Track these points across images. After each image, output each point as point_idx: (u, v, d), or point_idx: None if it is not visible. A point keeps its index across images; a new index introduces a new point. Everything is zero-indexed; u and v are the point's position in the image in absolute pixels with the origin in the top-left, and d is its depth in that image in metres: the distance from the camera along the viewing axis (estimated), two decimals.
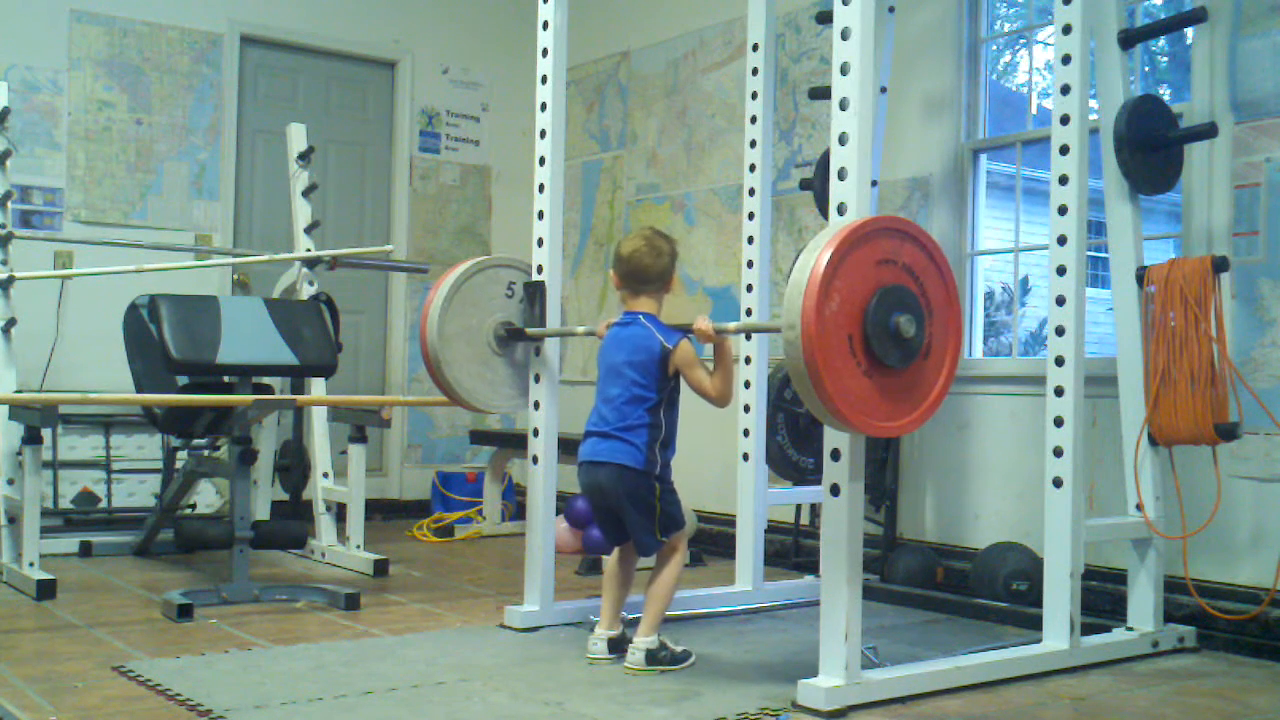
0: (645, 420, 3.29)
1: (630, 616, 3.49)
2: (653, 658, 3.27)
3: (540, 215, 3.84)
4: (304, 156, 5.57)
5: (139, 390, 4.72)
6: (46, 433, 4.37)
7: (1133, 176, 3.76)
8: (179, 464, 5.13)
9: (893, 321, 2.81)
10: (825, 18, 3.52)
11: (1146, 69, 6.29)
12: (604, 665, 3.32)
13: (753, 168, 4.32)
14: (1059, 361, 3.55)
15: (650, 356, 3.30)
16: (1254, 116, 3.95)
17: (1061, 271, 3.56)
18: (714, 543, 5.52)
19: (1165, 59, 7.89)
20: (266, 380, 4.82)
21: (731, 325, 3.28)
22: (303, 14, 6.59)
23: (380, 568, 4.78)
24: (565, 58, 3.86)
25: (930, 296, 2.95)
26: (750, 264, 4.32)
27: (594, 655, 3.37)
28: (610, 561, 3.51)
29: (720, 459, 5.21)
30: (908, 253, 2.92)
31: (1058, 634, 3.49)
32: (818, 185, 4.65)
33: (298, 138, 5.62)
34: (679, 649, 3.34)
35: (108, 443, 5.72)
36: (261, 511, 5.30)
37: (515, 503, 6.31)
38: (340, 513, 5.10)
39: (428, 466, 6.88)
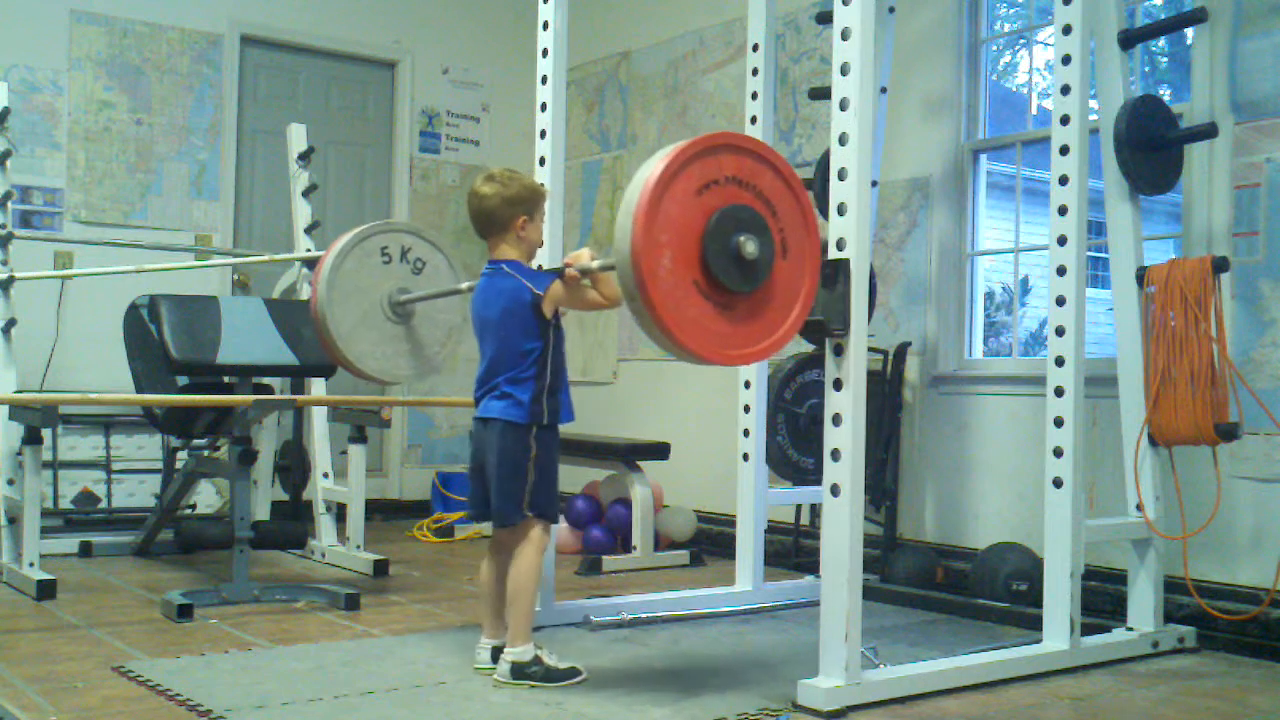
0: (531, 373, 3.11)
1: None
2: (520, 671, 3.06)
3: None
4: (304, 157, 5.57)
5: (139, 390, 4.72)
6: (46, 433, 4.37)
7: (1133, 177, 3.76)
8: (179, 464, 5.13)
9: (733, 242, 2.66)
10: (825, 18, 3.52)
11: (1146, 69, 6.29)
12: (490, 675, 3.14)
13: None
14: (1059, 362, 3.55)
15: (522, 305, 3.11)
16: (1254, 116, 3.95)
17: (1061, 272, 3.56)
18: (714, 543, 5.52)
19: (1165, 59, 7.89)
20: (266, 380, 4.82)
21: (595, 264, 3.06)
22: (303, 14, 6.59)
23: (380, 568, 4.78)
24: (565, 58, 3.86)
25: (788, 235, 2.80)
26: None
27: (479, 665, 3.21)
28: (482, 569, 3.32)
29: (720, 459, 5.21)
30: (749, 169, 2.75)
31: (1058, 634, 3.49)
32: (818, 185, 4.64)
33: (298, 138, 5.62)
34: (563, 665, 3.10)
35: (108, 443, 5.72)
36: (261, 511, 5.30)
37: None
38: (340, 513, 5.10)
39: (428, 467, 6.88)
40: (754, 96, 4.32)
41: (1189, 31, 4.15)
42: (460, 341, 3.91)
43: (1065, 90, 3.57)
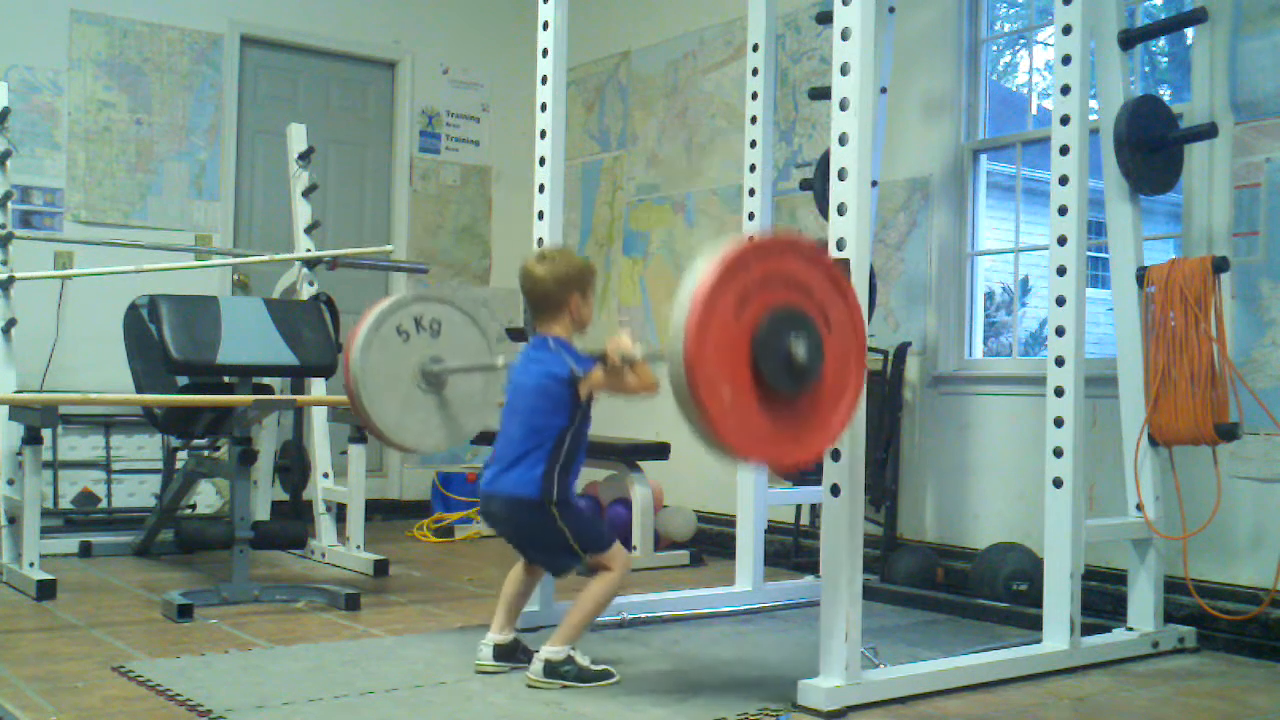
0: (549, 446, 3.07)
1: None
2: (553, 670, 3.05)
3: (540, 215, 3.84)
4: (304, 156, 5.57)
5: (139, 390, 4.72)
6: (46, 433, 4.37)
7: (1133, 177, 3.76)
8: (179, 464, 5.13)
9: (784, 345, 2.63)
10: (825, 18, 3.52)
11: (1146, 69, 6.29)
12: (491, 675, 3.15)
13: (753, 168, 4.33)
14: (1059, 362, 3.55)
15: (559, 382, 3.08)
16: (1254, 117, 3.95)
17: (1061, 272, 3.56)
18: (714, 543, 5.52)
19: (1165, 59, 7.90)
20: (266, 380, 4.82)
21: (639, 353, 2.98)
22: (303, 14, 6.59)
23: (380, 568, 4.78)
24: (565, 58, 3.86)
25: (828, 311, 2.74)
26: None
27: (480, 662, 3.19)
28: (516, 566, 3.31)
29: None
30: (796, 267, 2.71)
31: (1058, 634, 3.49)
32: (818, 185, 4.65)
33: (298, 138, 5.62)
34: (596, 666, 3.09)
35: (108, 443, 5.72)
36: (261, 511, 5.30)
37: None
38: (340, 513, 5.10)
39: (428, 467, 6.86)
40: (754, 96, 4.32)
41: (1189, 31, 4.15)
42: (496, 394, 3.76)
43: (1065, 90, 3.57)
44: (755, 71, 4.31)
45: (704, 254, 2.62)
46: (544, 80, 3.84)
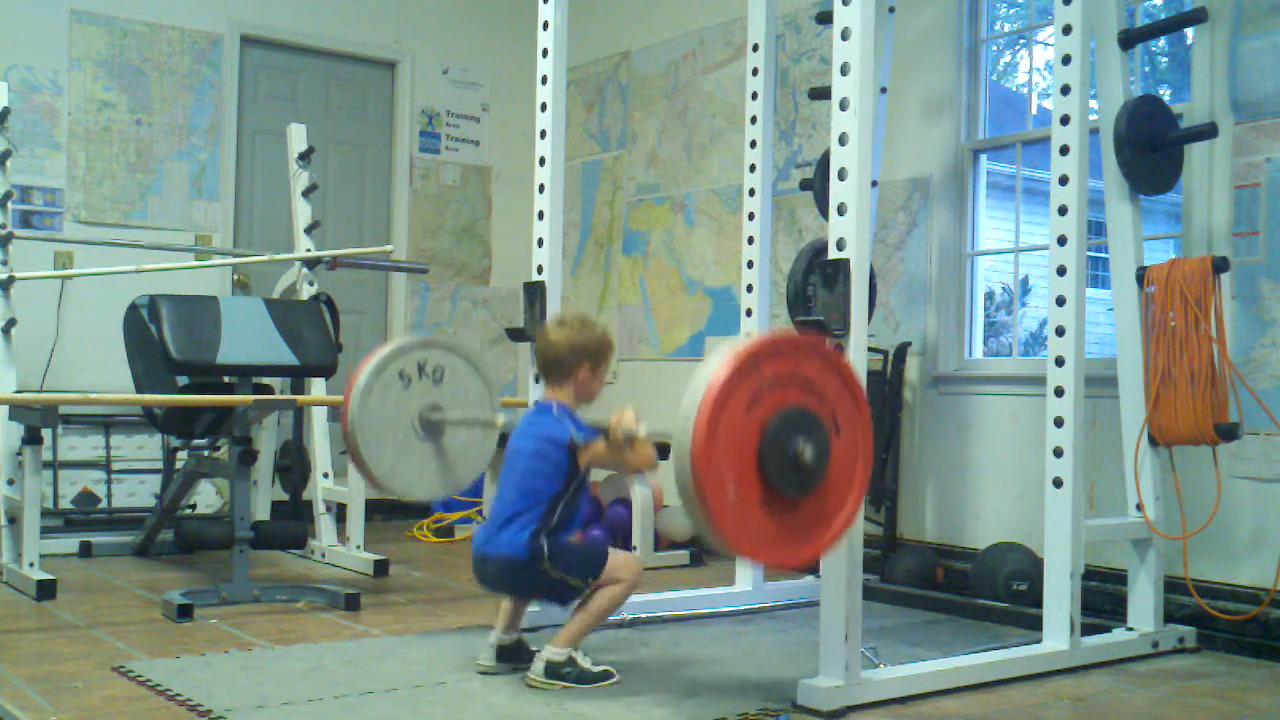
0: (540, 511, 3.06)
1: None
2: (554, 671, 3.05)
3: (540, 215, 3.84)
4: (304, 156, 5.57)
5: (139, 390, 4.72)
6: (46, 433, 4.37)
7: (1133, 177, 3.76)
8: (179, 464, 5.13)
9: (791, 447, 2.60)
10: (825, 18, 3.52)
11: (1146, 69, 6.29)
12: (491, 675, 3.15)
13: (753, 168, 4.32)
14: (1059, 362, 3.55)
15: (558, 446, 3.08)
16: (1254, 116, 3.95)
17: (1061, 272, 3.56)
18: None
19: (1165, 59, 7.89)
20: (266, 380, 4.82)
21: (642, 432, 2.99)
22: (303, 14, 6.59)
23: (380, 568, 4.78)
24: (565, 58, 3.86)
25: (838, 414, 2.73)
26: (750, 264, 4.32)
27: (481, 664, 3.19)
28: None
29: None
30: (809, 368, 2.70)
31: (1058, 634, 3.49)
32: (818, 185, 4.65)
33: (298, 138, 5.62)
34: (596, 668, 3.10)
35: (108, 443, 5.72)
36: (261, 511, 5.30)
37: None
38: (340, 513, 5.10)
39: None
40: (754, 96, 4.32)
41: (1189, 31, 4.15)
42: (493, 446, 3.74)
43: (1065, 90, 3.57)
44: (755, 71, 4.31)
45: (718, 350, 2.61)
46: (544, 80, 3.84)
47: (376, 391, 3.50)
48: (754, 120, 4.32)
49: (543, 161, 3.83)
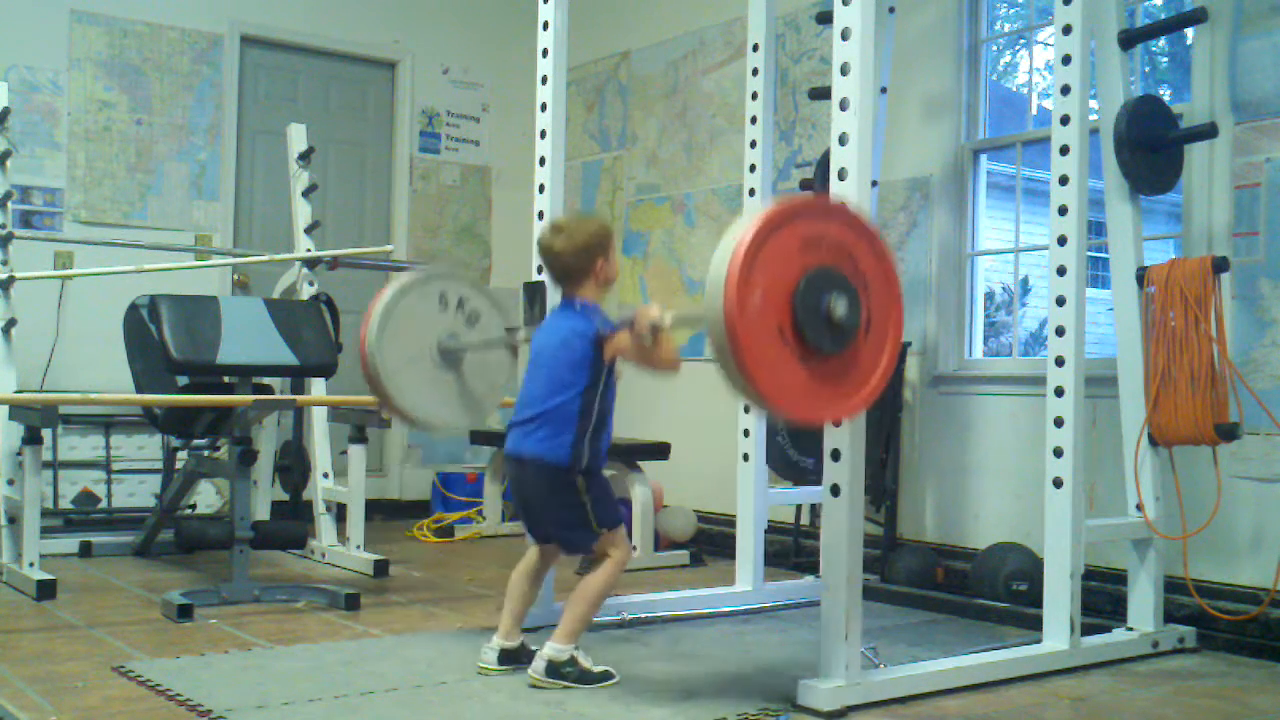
0: (575, 407, 3.03)
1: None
2: (555, 670, 3.03)
3: (540, 215, 3.84)
4: (304, 156, 5.58)
5: (139, 390, 4.72)
6: (47, 433, 4.37)
7: (1133, 177, 3.76)
8: (179, 464, 5.13)
9: (824, 304, 2.63)
10: (825, 18, 3.52)
11: (1146, 69, 6.29)
12: (494, 677, 3.14)
13: (753, 168, 4.32)
14: (1059, 362, 3.55)
15: (584, 339, 3.05)
16: (1254, 116, 3.95)
17: (1061, 272, 3.56)
18: (714, 543, 5.52)
19: (1165, 59, 7.89)
20: (266, 380, 4.82)
21: (668, 322, 2.95)
22: (303, 14, 6.59)
23: (380, 568, 4.78)
24: (565, 58, 3.86)
25: (865, 273, 2.75)
26: None
27: (484, 666, 3.17)
28: (523, 561, 3.27)
29: (720, 459, 5.20)
30: (835, 231, 2.72)
31: (1058, 634, 3.49)
32: (818, 185, 4.65)
33: (298, 138, 5.62)
34: (597, 668, 3.08)
35: (108, 443, 5.72)
36: (261, 511, 5.30)
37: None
38: (340, 513, 5.10)
39: (428, 467, 6.87)
40: (754, 96, 4.32)
41: (1189, 31, 4.15)
42: (514, 371, 3.73)
43: (1065, 90, 3.57)
44: (755, 71, 4.31)
45: (748, 211, 2.64)
46: (544, 80, 3.84)
47: (415, 294, 3.53)
48: (754, 120, 4.32)
49: (543, 161, 3.83)
